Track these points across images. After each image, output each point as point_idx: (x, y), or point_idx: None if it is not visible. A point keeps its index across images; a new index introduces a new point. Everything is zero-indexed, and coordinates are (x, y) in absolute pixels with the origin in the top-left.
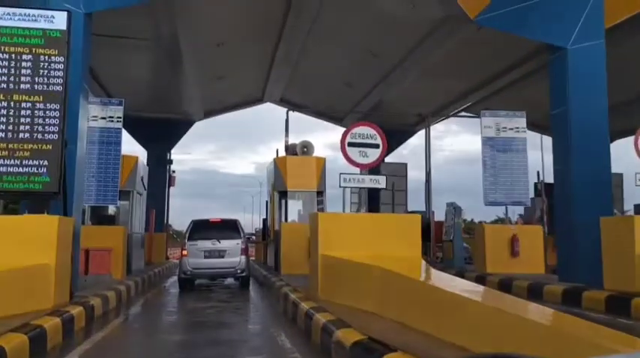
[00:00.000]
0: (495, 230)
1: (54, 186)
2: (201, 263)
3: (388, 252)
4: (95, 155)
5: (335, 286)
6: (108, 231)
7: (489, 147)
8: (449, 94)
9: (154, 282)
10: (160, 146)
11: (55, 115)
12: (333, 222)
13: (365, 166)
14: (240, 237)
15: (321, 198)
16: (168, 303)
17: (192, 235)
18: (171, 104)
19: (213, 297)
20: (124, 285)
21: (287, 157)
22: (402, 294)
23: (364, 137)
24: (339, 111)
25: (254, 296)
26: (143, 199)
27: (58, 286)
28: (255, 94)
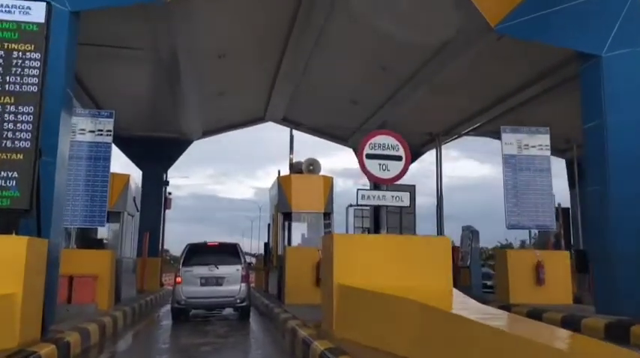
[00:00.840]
0: (519, 256)
1: (24, 203)
2: (196, 291)
3: (415, 281)
4: (82, 171)
5: (354, 322)
6: (94, 255)
7: (511, 166)
8: (461, 112)
9: (145, 312)
10: (156, 166)
11: (28, 120)
12: (350, 245)
13: (386, 181)
14: (241, 263)
15: (329, 220)
16: (159, 338)
17: (188, 260)
18: (168, 122)
19: (209, 331)
20: (109, 317)
21: (292, 176)
22: (453, 339)
23: (385, 148)
24: (345, 130)
25: (255, 330)
26: (135, 221)
27: (25, 320)
28: (256, 113)
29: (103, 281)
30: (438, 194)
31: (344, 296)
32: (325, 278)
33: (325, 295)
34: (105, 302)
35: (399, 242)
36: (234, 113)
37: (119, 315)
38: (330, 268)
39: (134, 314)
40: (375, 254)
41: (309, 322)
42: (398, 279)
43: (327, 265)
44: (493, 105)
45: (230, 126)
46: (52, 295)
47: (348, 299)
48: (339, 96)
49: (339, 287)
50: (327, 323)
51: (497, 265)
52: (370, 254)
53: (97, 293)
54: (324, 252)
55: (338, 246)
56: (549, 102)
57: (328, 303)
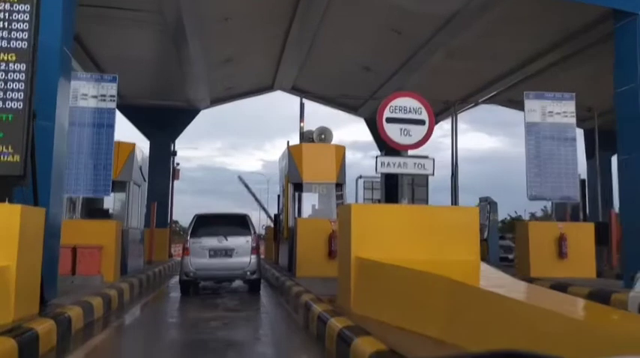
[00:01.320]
0: (540, 228)
1: (17, 168)
2: (205, 263)
3: (440, 254)
4: (85, 139)
5: (374, 298)
6: (99, 225)
7: (533, 135)
8: (478, 80)
9: (153, 284)
10: (164, 136)
11: (19, 78)
12: (369, 216)
13: (408, 148)
14: (250, 234)
15: (341, 191)
16: (167, 312)
17: (196, 231)
18: (175, 90)
19: (219, 304)
20: (115, 289)
21: (303, 145)
22: (489, 319)
23: (406, 111)
24: (356, 99)
25: (266, 304)
26: (143, 192)
27: (21, 294)
28: (265, 81)
29: (109, 253)
30: (453, 164)
31: (363, 270)
32: (342, 251)
33: (342, 269)
34: (111, 274)
35: (422, 212)
36: (242, 81)
37: (125, 287)
38: (347, 240)
39: (141, 286)
40: (397, 225)
41: (323, 296)
42: (421, 252)
43: (344, 237)
44: (511, 72)
45: (238, 94)
46: (53, 267)
47: (367, 273)
48: (351, 63)
49: (358, 260)
50: (343, 299)
51: (518, 237)
52: (391, 225)
53: (102, 265)
54: (340, 223)
55: (356, 217)
56: (570, 68)
57: (345, 278)
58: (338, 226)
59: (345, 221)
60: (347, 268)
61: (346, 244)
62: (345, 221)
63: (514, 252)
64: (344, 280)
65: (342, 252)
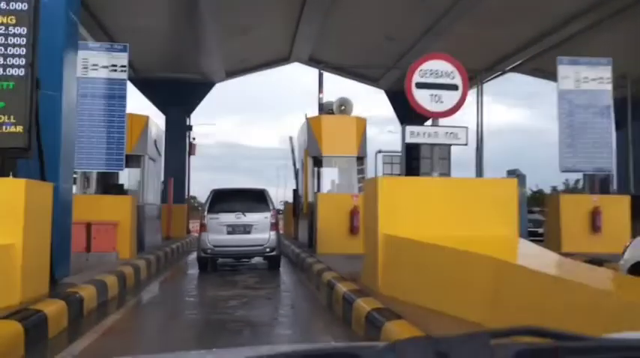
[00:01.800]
0: (573, 201)
1: (20, 140)
2: (223, 240)
3: (476, 230)
4: (97, 111)
5: (405, 279)
6: (113, 201)
7: (567, 103)
8: (505, 46)
9: (170, 260)
10: (179, 110)
11: (20, 43)
12: (398, 190)
13: (439, 115)
14: (269, 210)
15: (362, 165)
16: (184, 290)
17: (213, 207)
18: (190, 62)
19: (238, 282)
20: (130, 266)
21: (322, 117)
22: (541, 302)
23: (438, 75)
24: (376, 69)
25: (287, 281)
26: (158, 166)
27: (28, 274)
28: (281, 52)
29: (124, 229)
30: (478, 137)
31: (392, 248)
32: (368, 228)
33: (368, 247)
34: (127, 251)
35: (456, 185)
36: (258, 52)
37: (142, 264)
38: (374, 216)
39: (159, 263)
40: (428, 199)
41: (347, 275)
42: (455, 228)
43: (370, 213)
44: (540, 39)
45: (254, 67)
46: (65, 244)
47: (397, 252)
48: (372, 31)
49: (386, 238)
50: (369, 278)
51: (549, 211)
52: (422, 199)
53: (117, 242)
54: (366, 197)
55: (384, 191)
56: (602, 33)
57: (372, 256)
58: (363, 201)
59: (372, 195)
60: (373, 246)
61: (373, 220)
62: (372, 195)
63: (543, 226)
64: (370, 259)
65: (368, 229)
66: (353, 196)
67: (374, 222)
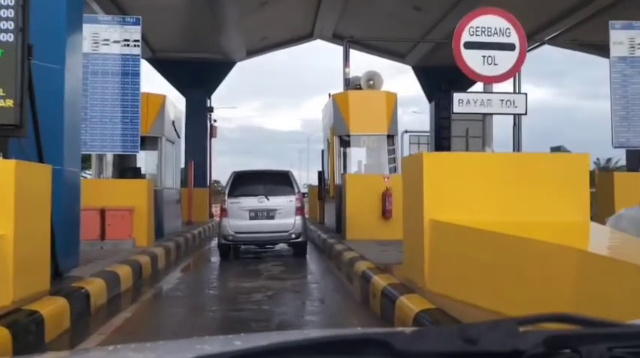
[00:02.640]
0: (628, 179)
1: (10, 116)
2: (245, 225)
3: (542, 214)
4: (109, 89)
5: (459, 274)
6: (129, 185)
7: (620, 72)
8: (543, 15)
9: (192, 246)
10: (199, 91)
11: (8, 4)
12: (446, 168)
13: (493, 80)
14: (294, 193)
15: (393, 144)
16: (204, 281)
17: (234, 190)
18: (209, 41)
19: (261, 271)
20: (147, 255)
21: (349, 92)
22: None
23: (491, 33)
24: (404, 44)
25: (314, 270)
26: (178, 149)
27: (23, 269)
28: (303, 29)
29: (141, 214)
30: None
31: (441, 236)
32: (409, 212)
33: (410, 234)
34: (144, 238)
35: (515, 161)
36: (279, 29)
37: (160, 252)
38: (417, 199)
39: (178, 250)
40: (483, 178)
41: (382, 265)
42: (516, 213)
43: (411, 195)
44: (580, 6)
45: (275, 45)
46: (73, 232)
47: (447, 241)
48: (398, 2)
49: (433, 224)
50: (413, 271)
51: (598, 191)
52: (476, 178)
53: (134, 228)
54: (406, 177)
55: (429, 170)
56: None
57: (415, 246)
58: (402, 181)
59: (414, 174)
60: (417, 234)
61: (416, 203)
62: (414, 174)
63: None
64: (413, 248)
65: (409, 213)
66: (384, 177)
67: (417, 205)
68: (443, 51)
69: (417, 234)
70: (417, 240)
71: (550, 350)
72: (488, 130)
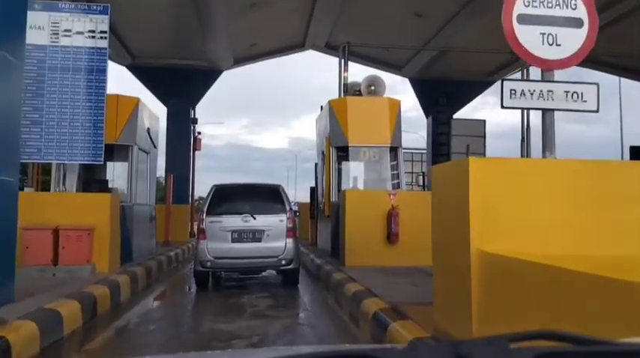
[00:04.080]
0: None
1: None
2: (227, 249)
3: (634, 246)
4: (69, 88)
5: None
6: (88, 200)
7: None
8: None
9: (165, 272)
10: (182, 101)
11: None
12: (502, 180)
13: (554, 65)
14: (285, 211)
15: (396, 159)
16: (174, 319)
17: (214, 207)
18: (194, 47)
19: (245, 306)
20: (105, 285)
21: (348, 99)
22: None
23: (551, 4)
24: (401, 56)
25: (309, 305)
26: (153, 160)
27: None
28: (295, 38)
29: (103, 235)
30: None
31: (497, 275)
32: (445, 240)
33: (446, 270)
34: (105, 263)
35: (596, 171)
36: (269, 36)
37: (123, 281)
38: (459, 222)
39: (148, 277)
40: (551, 194)
41: (399, 304)
42: (598, 243)
43: (448, 216)
44: None
45: (265, 53)
46: (8, 257)
47: (507, 281)
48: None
49: (485, 258)
50: (450, 321)
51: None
52: (541, 195)
53: (93, 251)
54: (440, 193)
55: (478, 182)
56: None
57: (455, 287)
58: (434, 198)
59: (453, 189)
60: (458, 270)
61: (456, 228)
62: (453, 189)
63: None
64: (451, 290)
65: (446, 241)
66: (390, 194)
67: (458, 230)
68: (442, 63)
69: (458, 270)
70: (458, 279)
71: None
72: (549, 132)
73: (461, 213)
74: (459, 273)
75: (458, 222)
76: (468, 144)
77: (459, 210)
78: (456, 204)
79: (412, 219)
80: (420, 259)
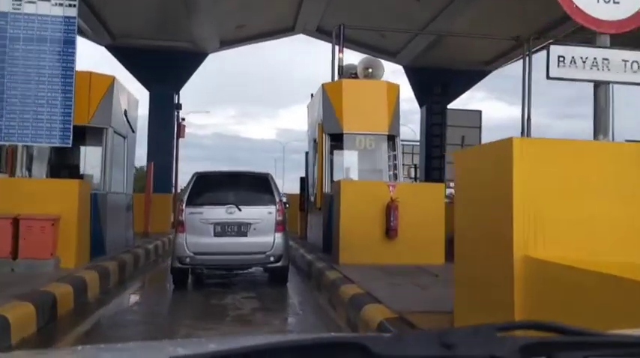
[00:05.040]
0: None
1: None
2: (208, 244)
3: None
4: (33, 62)
5: None
6: (53, 187)
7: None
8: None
9: (143, 265)
10: (166, 85)
11: None
12: (552, 168)
13: (611, 28)
14: (274, 203)
15: (394, 147)
16: (145, 324)
17: (195, 197)
18: (178, 27)
19: (228, 308)
20: (69, 283)
21: (344, 81)
22: None
23: None
24: (395, 40)
25: (300, 308)
26: (130, 145)
27: None
28: (285, 20)
29: (69, 225)
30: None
31: (549, 284)
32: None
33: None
34: (72, 257)
35: None
36: (258, 17)
37: (91, 278)
38: (496, 220)
39: (122, 272)
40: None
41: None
42: None
43: (480, 212)
44: None
45: (253, 36)
46: None
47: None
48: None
49: (533, 266)
50: None
51: None
52: (599, 187)
53: (58, 244)
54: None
55: (525, 170)
56: None
57: (494, 295)
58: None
59: (487, 176)
60: (498, 277)
61: (492, 227)
62: (487, 176)
63: None
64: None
65: (476, 241)
66: (389, 186)
67: (495, 230)
68: (439, 49)
69: (494, 277)
70: (495, 288)
71: (527, 356)
72: (603, 109)
73: (500, 208)
74: (495, 281)
75: (495, 220)
76: (464, 136)
77: (496, 205)
78: (491, 197)
79: (412, 213)
80: (420, 256)
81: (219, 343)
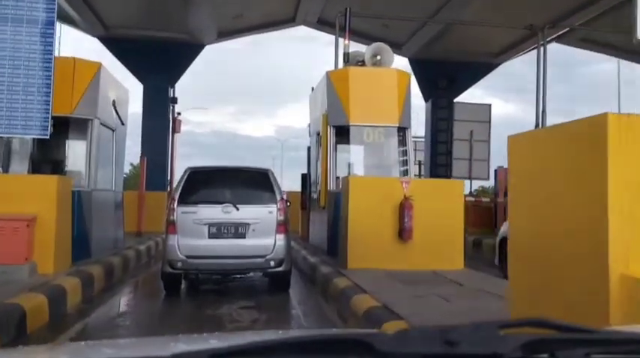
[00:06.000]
0: None
1: None
2: (202, 247)
3: None
4: (7, 44)
5: None
6: (28, 184)
7: None
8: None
9: (134, 269)
10: (160, 78)
11: None
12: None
13: None
14: (275, 201)
15: (405, 141)
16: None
17: (188, 195)
18: (174, 17)
19: (224, 318)
20: (43, 292)
21: (350, 69)
22: None
23: None
24: (402, 30)
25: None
26: (120, 139)
27: None
28: (285, 11)
29: (47, 226)
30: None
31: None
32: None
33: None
34: (49, 261)
35: None
36: (257, 8)
37: (71, 285)
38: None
39: (109, 277)
40: None
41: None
42: None
43: (552, 212)
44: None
45: (251, 27)
46: None
47: None
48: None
49: (633, 285)
50: None
51: None
52: None
53: (34, 247)
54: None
55: (621, 150)
56: None
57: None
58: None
59: (564, 165)
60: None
61: (573, 234)
62: (564, 165)
63: None
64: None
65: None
66: (403, 182)
67: (579, 239)
68: (445, 41)
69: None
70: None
71: (529, 354)
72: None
73: (585, 211)
74: (575, 302)
75: (577, 221)
76: (472, 130)
77: (579, 207)
78: (572, 194)
79: (428, 213)
80: (437, 261)
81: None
